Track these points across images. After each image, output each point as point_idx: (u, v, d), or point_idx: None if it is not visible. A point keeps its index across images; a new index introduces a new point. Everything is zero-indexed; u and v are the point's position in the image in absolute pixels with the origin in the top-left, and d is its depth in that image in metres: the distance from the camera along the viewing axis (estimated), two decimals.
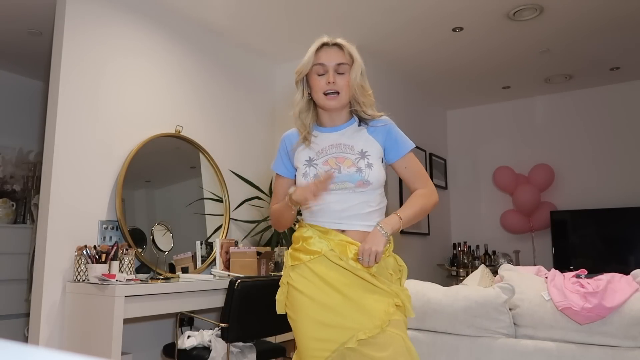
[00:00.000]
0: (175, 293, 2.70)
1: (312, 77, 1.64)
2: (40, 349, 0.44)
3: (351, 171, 1.59)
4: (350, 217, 1.60)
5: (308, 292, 1.57)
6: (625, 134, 4.95)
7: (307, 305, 1.57)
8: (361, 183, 1.59)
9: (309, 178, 1.61)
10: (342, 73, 1.61)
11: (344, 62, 1.62)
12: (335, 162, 1.61)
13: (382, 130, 1.66)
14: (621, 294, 1.94)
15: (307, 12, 3.51)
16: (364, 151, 1.62)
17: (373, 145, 1.64)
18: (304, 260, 1.60)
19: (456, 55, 4.30)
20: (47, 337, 2.66)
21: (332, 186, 1.58)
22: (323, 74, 1.62)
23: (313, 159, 1.64)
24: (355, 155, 1.61)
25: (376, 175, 1.60)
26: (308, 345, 1.55)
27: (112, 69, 3.12)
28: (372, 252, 1.49)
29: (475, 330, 2.13)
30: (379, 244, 1.51)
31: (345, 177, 1.59)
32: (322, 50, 1.63)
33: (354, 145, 1.63)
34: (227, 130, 3.90)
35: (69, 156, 2.85)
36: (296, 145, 1.69)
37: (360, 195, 1.60)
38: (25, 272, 3.92)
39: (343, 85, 1.61)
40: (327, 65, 1.61)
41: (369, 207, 1.62)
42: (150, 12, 3.38)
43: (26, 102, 4.59)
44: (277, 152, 1.76)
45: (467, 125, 5.87)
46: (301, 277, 1.60)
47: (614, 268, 2.61)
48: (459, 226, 5.75)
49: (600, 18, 3.64)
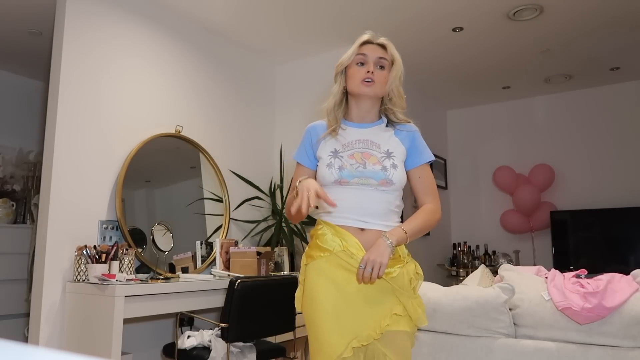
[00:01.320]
0: (175, 293, 2.70)
1: (352, 67, 1.68)
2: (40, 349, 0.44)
3: (376, 168, 1.61)
4: (369, 215, 1.61)
5: (321, 288, 1.58)
6: (625, 134, 4.95)
7: (322, 300, 1.57)
8: (384, 182, 1.60)
9: (334, 169, 1.63)
10: (382, 67, 1.66)
11: (385, 58, 1.67)
12: (361, 156, 1.63)
13: (409, 136, 1.70)
14: (621, 294, 1.94)
15: (306, 11, 3.51)
16: (389, 151, 1.65)
17: (399, 147, 1.67)
18: (316, 257, 1.62)
19: (456, 55, 4.30)
20: (47, 337, 2.66)
21: (355, 180, 1.60)
22: (363, 64, 1.66)
23: (339, 150, 1.66)
24: (381, 154, 1.64)
25: (399, 177, 1.63)
26: (327, 340, 1.53)
27: (112, 68, 3.12)
28: (376, 264, 1.48)
29: (475, 330, 2.13)
30: (384, 255, 1.50)
31: (370, 174, 1.60)
32: (366, 45, 1.69)
33: (380, 144, 1.66)
34: (227, 130, 3.90)
35: (69, 156, 2.85)
36: (323, 136, 1.71)
37: (381, 194, 1.61)
38: (25, 272, 3.92)
39: (381, 78, 1.65)
40: (369, 56, 1.66)
41: (389, 207, 1.63)
42: (150, 12, 3.38)
43: (26, 102, 4.60)
44: (301, 142, 1.78)
45: (467, 125, 5.87)
46: (314, 274, 1.61)
47: (614, 268, 2.61)
48: (459, 226, 5.75)
49: (600, 18, 3.63)
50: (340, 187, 1.62)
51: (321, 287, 1.58)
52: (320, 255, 1.60)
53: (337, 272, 1.58)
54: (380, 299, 1.57)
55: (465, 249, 5.26)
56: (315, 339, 1.58)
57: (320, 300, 1.57)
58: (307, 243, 3.74)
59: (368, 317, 1.55)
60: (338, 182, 1.62)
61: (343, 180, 1.61)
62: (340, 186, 1.62)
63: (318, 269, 1.60)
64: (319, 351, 1.56)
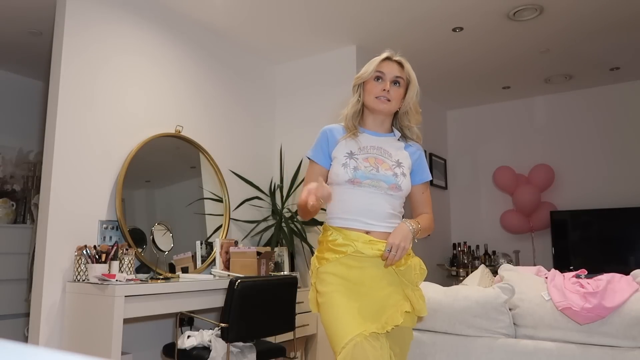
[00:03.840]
0: (175, 293, 2.70)
1: (370, 82, 1.81)
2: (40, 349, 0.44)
3: (388, 174, 1.74)
4: (375, 218, 1.73)
5: (335, 286, 1.68)
6: (625, 134, 4.95)
7: (337, 298, 1.66)
8: (394, 186, 1.74)
9: (349, 168, 1.74)
10: (397, 85, 1.80)
11: (401, 77, 1.81)
12: (374, 161, 1.77)
13: (417, 152, 1.87)
14: (621, 294, 1.94)
15: (306, 11, 3.51)
16: (399, 161, 1.79)
17: (407, 160, 1.82)
18: (331, 259, 1.71)
19: (456, 55, 4.30)
20: (47, 337, 2.66)
21: (367, 182, 1.72)
22: (380, 80, 1.80)
23: (354, 153, 1.78)
24: (392, 162, 1.78)
25: (407, 185, 1.77)
26: (347, 329, 1.59)
27: (112, 68, 3.12)
28: (400, 248, 1.62)
29: (475, 330, 2.13)
30: (407, 240, 1.65)
31: (382, 177, 1.73)
32: (385, 62, 1.82)
33: (392, 154, 1.80)
34: (227, 130, 3.90)
35: (69, 156, 2.85)
36: (344, 137, 1.82)
37: (389, 198, 1.74)
38: (25, 272, 3.92)
39: (396, 95, 1.79)
40: (386, 74, 1.79)
41: (393, 211, 1.76)
42: (150, 12, 3.38)
43: (26, 102, 4.59)
44: (316, 141, 1.88)
45: (467, 125, 5.87)
46: (329, 277, 1.70)
47: (614, 268, 2.61)
48: (459, 226, 5.75)
49: (600, 18, 3.64)
50: (352, 187, 1.73)
51: (336, 286, 1.68)
52: (335, 257, 1.71)
53: (350, 272, 1.69)
54: (390, 294, 1.69)
55: (465, 249, 5.26)
56: (335, 330, 1.64)
57: (336, 299, 1.66)
58: (307, 243, 3.76)
59: (381, 311, 1.65)
60: (351, 182, 1.72)
61: (356, 180, 1.72)
62: (352, 186, 1.73)
63: (333, 271, 1.70)
64: (337, 338, 1.62)
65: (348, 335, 1.57)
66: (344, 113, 1.85)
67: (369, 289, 1.67)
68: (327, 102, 3.98)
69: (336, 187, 1.75)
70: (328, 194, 1.59)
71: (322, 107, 4.03)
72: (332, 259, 1.71)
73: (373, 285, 1.67)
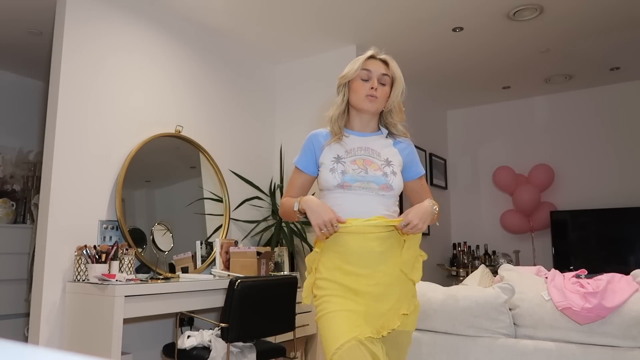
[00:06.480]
0: (175, 293, 2.70)
1: (356, 82, 1.77)
2: (40, 349, 0.44)
3: (377, 174, 1.71)
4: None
5: (331, 290, 1.66)
6: (625, 134, 4.94)
7: (334, 301, 1.64)
8: (385, 186, 1.70)
9: (337, 173, 1.71)
10: (383, 84, 1.77)
11: (387, 75, 1.77)
12: (363, 163, 1.73)
13: (407, 148, 1.83)
14: (621, 294, 1.94)
15: (306, 11, 3.51)
16: (389, 160, 1.76)
17: (397, 156, 1.78)
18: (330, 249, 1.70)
19: (456, 55, 4.29)
20: (47, 337, 2.66)
21: (357, 184, 1.69)
22: (367, 80, 1.76)
23: (342, 156, 1.75)
24: (381, 162, 1.74)
25: (398, 183, 1.74)
26: (340, 333, 1.57)
27: (112, 69, 3.12)
28: (416, 228, 1.61)
29: (475, 330, 2.13)
30: (425, 222, 1.63)
31: (372, 178, 1.70)
32: (370, 60, 1.78)
33: (380, 153, 1.77)
34: (227, 130, 3.90)
35: (69, 156, 2.85)
36: (328, 142, 1.79)
37: (381, 198, 1.71)
38: (25, 272, 3.92)
39: (382, 94, 1.76)
40: (373, 72, 1.76)
41: (386, 212, 1.72)
42: (150, 12, 3.38)
43: (26, 102, 4.59)
44: (302, 148, 1.85)
45: (467, 125, 5.87)
46: (325, 279, 1.68)
47: (614, 268, 2.61)
48: (459, 226, 5.75)
49: (600, 18, 3.64)
50: (342, 192, 1.70)
51: (332, 291, 1.65)
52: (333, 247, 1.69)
53: (346, 278, 1.65)
54: (387, 297, 1.65)
55: (465, 249, 5.26)
56: (332, 334, 1.61)
57: (332, 303, 1.64)
58: (307, 243, 3.76)
59: (377, 315, 1.63)
60: (341, 186, 1.70)
61: (346, 184, 1.69)
62: (342, 190, 1.70)
63: (329, 277, 1.67)
64: (331, 341, 1.60)
65: (341, 339, 1.55)
66: (328, 115, 1.82)
67: (364, 294, 1.63)
68: (327, 102, 3.96)
69: (327, 192, 1.73)
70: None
71: (322, 107, 4.01)
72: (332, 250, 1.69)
73: (369, 290, 1.64)
